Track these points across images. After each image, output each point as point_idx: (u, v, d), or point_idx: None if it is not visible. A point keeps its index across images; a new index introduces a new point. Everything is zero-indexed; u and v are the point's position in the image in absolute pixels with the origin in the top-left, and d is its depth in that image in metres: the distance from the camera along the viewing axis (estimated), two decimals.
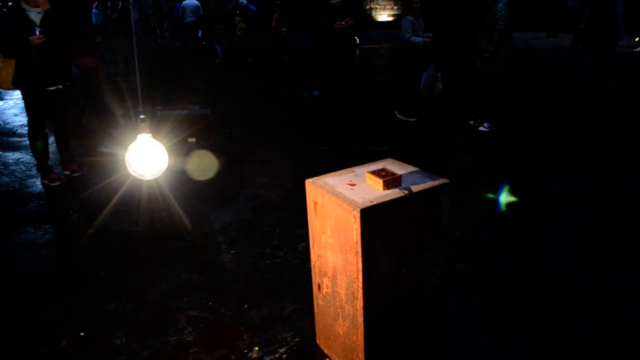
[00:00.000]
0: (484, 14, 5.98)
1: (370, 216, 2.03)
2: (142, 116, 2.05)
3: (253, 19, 14.50)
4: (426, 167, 2.43)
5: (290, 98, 8.75)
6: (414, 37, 6.49)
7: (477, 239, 3.67)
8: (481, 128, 6.36)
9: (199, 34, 15.21)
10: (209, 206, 4.30)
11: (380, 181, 2.18)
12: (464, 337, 2.64)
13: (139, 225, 3.98)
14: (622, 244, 3.56)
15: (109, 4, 21.07)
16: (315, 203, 2.33)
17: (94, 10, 18.00)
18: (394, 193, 2.13)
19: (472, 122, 6.54)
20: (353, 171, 2.43)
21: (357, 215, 2.01)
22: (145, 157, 2.08)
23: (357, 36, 10.64)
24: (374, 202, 2.06)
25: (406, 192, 2.13)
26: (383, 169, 2.29)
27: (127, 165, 2.10)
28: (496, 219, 3.99)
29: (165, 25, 18.64)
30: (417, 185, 2.21)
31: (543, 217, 3.98)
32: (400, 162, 2.49)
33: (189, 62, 13.43)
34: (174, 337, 2.69)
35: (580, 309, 2.85)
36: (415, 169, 2.41)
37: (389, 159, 2.54)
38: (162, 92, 8.29)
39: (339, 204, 2.13)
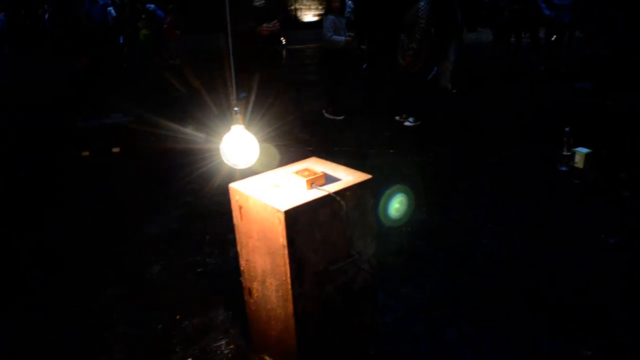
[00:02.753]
0: (407, 11, 6.10)
1: (295, 217, 2.02)
2: (235, 109, 2.20)
3: (160, 25, 14.06)
4: (351, 164, 2.44)
5: (217, 102, 8.60)
6: (335, 36, 6.54)
7: (405, 231, 3.73)
8: (406, 123, 6.51)
9: (120, 40, 14.67)
10: (136, 215, 4.16)
11: (304, 181, 2.16)
12: (398, 328, 2.68)
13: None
14: (543, 223, 3.73)
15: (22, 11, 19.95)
16: (241, 207, 2.29)
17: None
18: (318, 192, 2.13)
19: (397, 118, 6.68)
20: (276, 173, 2.41)
21: (282, 217, 1.99)
22: (239, 148, 2.21)
23: (283, 37, 10.62)
24: (298, 203, 2.04)
25: (330, 190, 2.12)
26: (306, 169, 2.27)
27: (221, 154, 2.21)
28: (422, 209, 4.08)
29: None
30: (340, 183, 2.21)
31: (467, 205, 4.11)
32: (324, 161, 2.49)
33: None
34: (103, 358, 2.57)
35: (511, 289, 2.96)
36: (339, 166, 2.41)
37: (313, 158, 2.54)
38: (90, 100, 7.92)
39: (263, 207, 2.10)
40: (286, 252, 2.04)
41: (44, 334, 2.78)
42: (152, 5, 13.76)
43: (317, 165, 2.44)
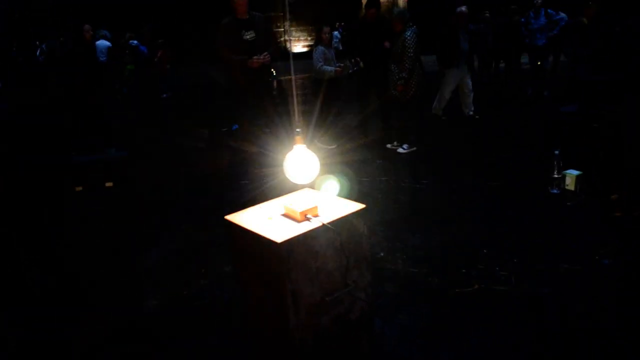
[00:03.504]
0: (395, 42, 6.23)
1: (290, 248, 2.04)
2: (298, 129, 2.34)
3: (143, 60, 14.22)
4: (345, 193, 2.49)
5: (208, 134, 8.68)
6: (325, 66, 6.66)
7: (399, 257, 3.75)
8: (400, 150, 6.58)
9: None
10: (134, 248, 4.17)
11: (297, 212, 2.20)
12: (395, 356, 2.68)
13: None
14: (538, 247, 3.76)
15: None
16: (236, 239, 2.31)
17: None
18: (312, 223, 2.16)
19: (389, 146, 6.75)
20: (270, 204, 2.44)
21: (277, 249, 2.02)
22: (301, 165, 2.33)
23: (273, 69, 10.76)
24: (293, 234, 2.07)
25: (324, 221, 2.16)
26: (300, 200, 2.31)
27: (285, 171, 2.35)
28: (416, 235, 4.11)
29: None
30: (334, 213, 2.25)
31: (461, 231, 4.14)
32: (318, 192, 2.53)
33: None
34: None
35: (507, 315, 2.98)
36: (330, 196, 2.45)
37: (306, 188, 2.58)
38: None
39: (258, 239, 2.13)
40: (282, 283, 2.06)
41: None
42: (135, 41, 13.92)
43: (310, 196, 2.48)
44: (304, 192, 2.55)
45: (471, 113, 8.07)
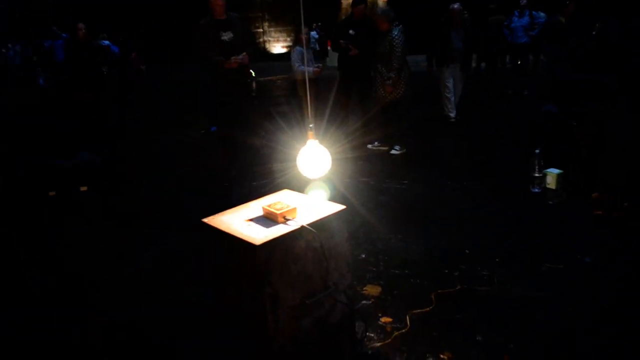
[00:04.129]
0: (381, 41, 6.22)
1: (269, 251, 2.02)
2: (311, 125, 2.42)
3: (115, 61, 14.05)
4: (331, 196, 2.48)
5: (185, 136, 8.61)
6: (302, 67, 6.64)
7: (381, 259, 3.75)
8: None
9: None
10: (111, 258, 4.09)
11: (277, 214, 2.18)
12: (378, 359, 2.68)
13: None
14: (519, 247, 3.79)
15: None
16: (214, 243, 2.28)
17: None
18: (291, 225, 2.14)
19: (370, 146, 6.76)
20: (249, 207, 2.42)
21: (255, 251, 1.99)
22: (314, 160, 2.41)
23: (252, 69, 10.74)
24: (272, 236, 2.05)
25: (303, 223, 2.14)
26: (279, 202, 2.29)
27: (297, 166, 2.44)
28: (398, 237, 4.11)
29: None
30: (314, 214, 2.23)
31: (443, 232, 4.16)
32: (297, 193, 2.52)
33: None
34: None
35: (490, 317, 2.99)
36: (310, 197, 2.44)
37: (285, 190, 2.56)
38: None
39: (236, 242, 2.10)
40: (260, 287, 2.04)
41: None
42: (107, 41, 13.73)
43: (290, 197, 2.46)
44: (284, 193, 2.53)
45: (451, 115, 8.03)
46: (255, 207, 2.38)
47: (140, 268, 3.86)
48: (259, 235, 2.07)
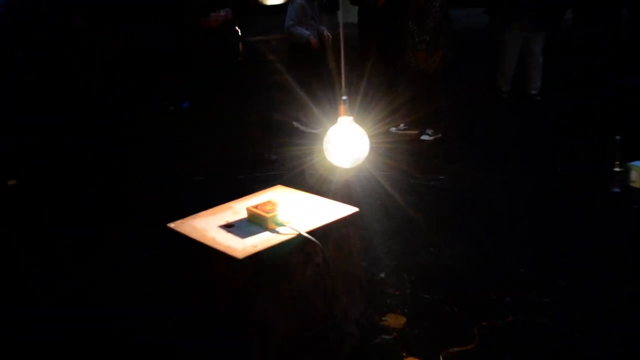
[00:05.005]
0: None
1: (254, 267, 2.02)
2: (344, 97, 2.38)
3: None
4: (331, 193, 2.48)
5: (151, 113, 8.63)
6: (298, 28, 6.58)
7: (407, 279, 3.74)
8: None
9: None
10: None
11: (266, 218, 2.18)
12: None
13: None
14: (595, 266, 3.77)
15: None
16: (183, 254, 2.29)
17: None
18: (284, 232, 2.14)
19: (393, 129, 6.76)
20: (231, 207, 2.43)
21: (237, 266, 1.99)
22: (346, 143, 2.41)
23: (238, 27, 10.75)
24: (260, 247, 2.05)
25: (300, 230, 2.14)
26: (269, 202, 2.29)
27: (324, 151, 2.44)
28: (430, 249, 4.10)
29: None
30: (316, 219, 2.23)
31: (490, 243, 4.15)
32: (293, 189, 2.52)
33: None
34: None
35: (564, 357, 2.98)
36: (313, 196, 2.44)
37: (278, 186, 2.56)
38: None
39: (213, 255, 2.10)
40: (244, 313, 2.04)
41: None
42: None
43: (283, 195, 2.46)
44: (276, 190, 2.53)
45: (534, 92, 7.96)
46: (239, 208, 2.38)
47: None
48: (241, 245, 2.07)
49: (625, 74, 5.99)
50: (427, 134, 6.55)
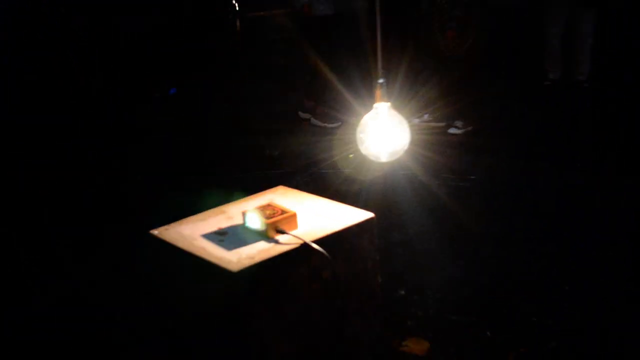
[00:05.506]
0: None
1: (252, 281, 2.02)
2: (381, 80, 2.41)
3: None
4: (342, 194, 2.48)
5: (136, 101, 8.71)
6: None
7: (430, 296, 3.74)
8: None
9: None
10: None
11: (266, 224, 2.18)
12: None
13: None
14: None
15: None
16: (167, 265, 2.30)
17: None
18: (287, 242, 2.14)
19: (417, 121, 6.76)
20: (224, 212, 2.43)
21: (231, 281, 2.00)
22: (383, 133, 2.44)
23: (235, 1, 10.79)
24: (255, 260, 2.05)
25: (306, 239, 2.13)
26: (269, 205, 2.29)
27: (358, 141, 2.48)
28: (458, 262, 4.10)
29: None
30: (323, 226, 2.23)
31: (528, 256, 4.14)
32: (297, 192, 2.52)
33: None
34: None
35: None
36: (320, 199, 2.44)
37: (280, 187, 2.57)
38: None
39: (201, 266, 2.11)
40: (240, 335, 2.04)
41: None
42: None
43: (286, 198, 2.46)
44: (277, 192, 2.54)
45: (581, 78, 7.93)
46: (233, 213, 2.38)
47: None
48: (235, 256, 2.07)
49: None
50: (456, 127, 6.54)
